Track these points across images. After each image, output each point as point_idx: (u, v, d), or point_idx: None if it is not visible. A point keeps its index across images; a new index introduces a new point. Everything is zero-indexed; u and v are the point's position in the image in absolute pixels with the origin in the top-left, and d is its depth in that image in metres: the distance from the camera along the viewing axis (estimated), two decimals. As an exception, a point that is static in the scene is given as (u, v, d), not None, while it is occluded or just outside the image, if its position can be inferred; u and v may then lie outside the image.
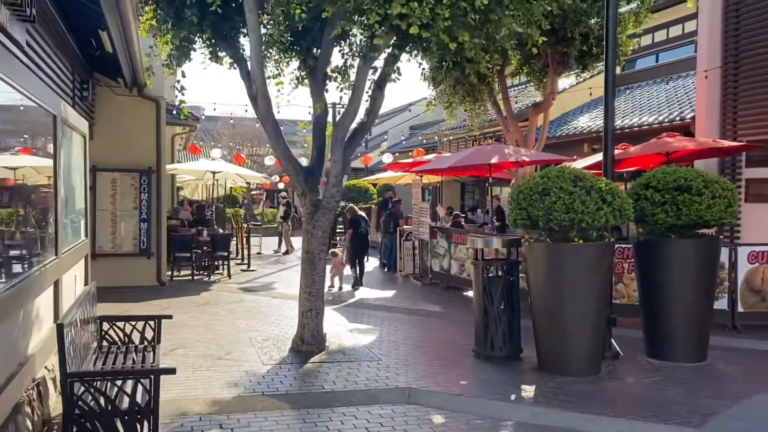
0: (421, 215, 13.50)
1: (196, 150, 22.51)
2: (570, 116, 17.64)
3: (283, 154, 7.65)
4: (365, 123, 7.82)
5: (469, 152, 12.12)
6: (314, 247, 7.61)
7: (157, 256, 12.39)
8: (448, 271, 12.49)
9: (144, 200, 12.23)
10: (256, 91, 7.37)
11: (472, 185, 23.46)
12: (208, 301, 10.96)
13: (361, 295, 11.84)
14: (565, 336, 6.85)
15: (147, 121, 12.36)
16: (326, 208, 7.58)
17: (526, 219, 6.81)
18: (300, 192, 7.77)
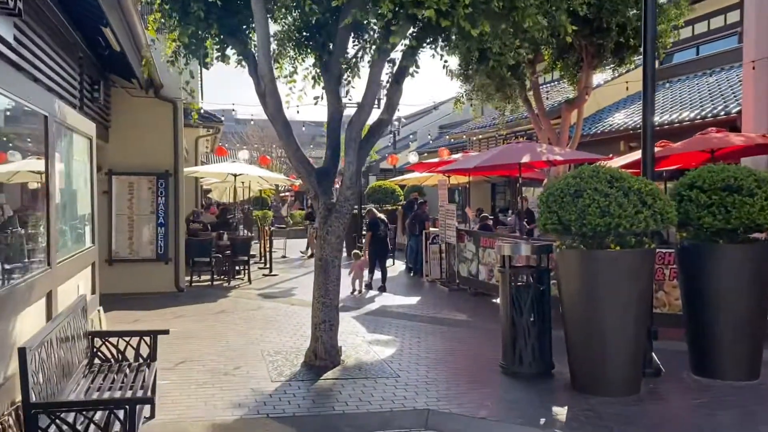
0: (447, 217, 12.92)
1: (223, 152, 22.29)
2: (605, 113, 16.85)
3: (294, 155, 7.16)
4: (382, 121, 7.29)
5: (497, 151, 11.50)
6: (328, 253, 7.11)
7: (175, 261, 12.04)
8: (477, 277, 11.88)
9: (161, 204, 11.90)
10: (264, 88, 6.91)
11: (503, 186, 22.74)
12: (225, 308, 10.55)
13: (384, 302, 11.31)
14: (602, 352, 6.22)
15: (164, 123, 12.03)
16: (340, 212, 7.07)
17: (556, 223, 6.20)
18: (313, 195, 7.28)
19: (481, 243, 11.77)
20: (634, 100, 16.81)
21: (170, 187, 11.98)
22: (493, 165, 11.62)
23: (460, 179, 16.53)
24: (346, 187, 7.07)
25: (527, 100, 14.03)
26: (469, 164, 11.14)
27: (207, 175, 15.51)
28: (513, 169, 12.62)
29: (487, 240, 11.62)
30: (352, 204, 7.14)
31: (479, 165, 10.81)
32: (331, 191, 7.30)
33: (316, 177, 7.22)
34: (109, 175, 11.70)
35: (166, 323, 9.31)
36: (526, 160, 10.36)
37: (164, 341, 8.16)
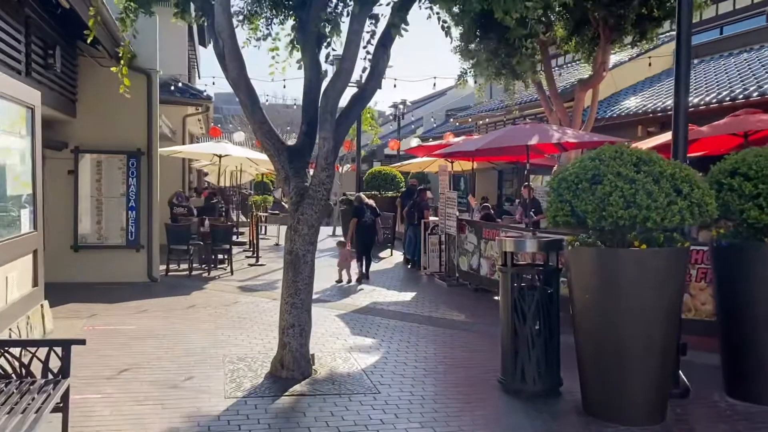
0: (447, 206, 11.82)
1: (217, 133, 21.16)
2: (621, 96, 15.64)
3: (260, 128, 6.08)
4: (365, 90, 6.18)
5: (503, 132, 10.36)
6: (299, 246, 6.05)
7: (148, 248, 11.01)
8: (478, 271, 10.81)
9: (132, 186, 10.85)
10: (223, 47, 5.81)
11: (511, 173, 21.57)
12: (196, 302, 9.52)
13: (375, 298, 10.25)
14: (621, 370, 5.14)
15: (136, 97, 10.87)
16: (314, 198, 6.00)
17: (569, 215, 5.09)
18: (283, 177, 6.19)
19: (483, 234, 10.68)
20: (656, 80, 15.61)
21: (143, 167, 10.92)
22: (499, 148, 10.49)
23: (464, 165, 15.39)
24: (321, 168, 5.99)
25: (535, 81, 12.88)
26: (471, 147, 10.02)
27: (188, 154, 14.42)
28: (521, 155, 11.49)
29: (490, 231, 10.53)
30: (327, 188, 6.06)
31: (482, 147, 9.69)
32: (305, 173, 6.23)
33: (287, 156, 6.14)
34: (76, 153, 10.66)
35: (126, 319, 8.31)
36: (534, 142, 9.23)
37: (114, 342, 7.17)
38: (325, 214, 6.25)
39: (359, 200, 12.56)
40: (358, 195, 13.42)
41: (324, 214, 6.20)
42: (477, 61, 13.15)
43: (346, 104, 6.25)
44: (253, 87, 6.09)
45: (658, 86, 14.83)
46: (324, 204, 6.10)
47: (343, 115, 6.16)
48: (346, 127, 6.21)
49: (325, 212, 6.19)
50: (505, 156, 11.88)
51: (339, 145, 6.13)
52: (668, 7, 10.96)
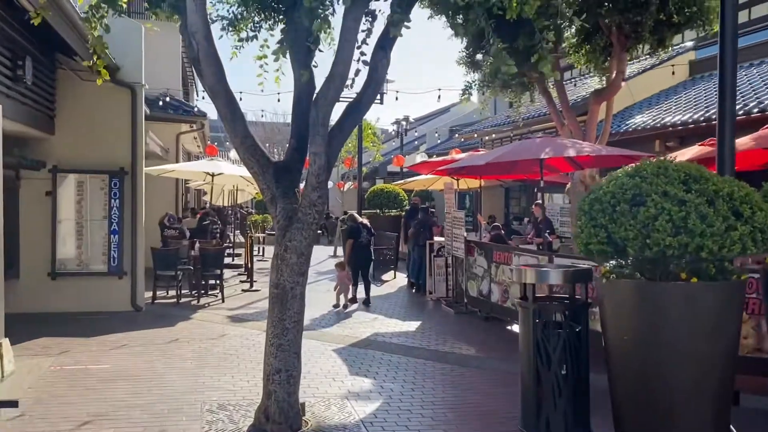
0: (455, 226, 11.01)
1: (213, 151, 20.45)
2: (635, 109, 14.87)
3: (242, 143, 5.30)
4: (362, 98, 5.41)
5: (513, 146, 9.59)
6: (286, 278, 5.24)
7: (132, 275, 10.21)
8: (488, 298, 9.97)
9: (115, 207, 10.08)
10: (197, 49, 5.06)
11: (518, 191, 20.77)
12: (180, 335, 8.69)
13: (377, 328, 9.41)
14: (667, 423, 4.31)
15: (120, 112, 10.23)
16: (303, 222, 5.21)
17: (604, 243, 4.28)
18: (269, 198, 5.41)
19: (494, 258, 9.86)
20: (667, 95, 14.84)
21: (126, 188, 10.16)
22: (509, 164, 9.69)
23: (470, 183, 14.61)
24: (311, 188, 5.20)
25: (546, 91, 12.12)
26: (481, 161, 9.21)
27: (179, 174, 13.66)
28: (531, 171, 10.72)
29: (501, 254, 9.71)
30: (319, 211, 5.26)
31: (492, 161, 8.87)
32: (294, 193, 5.43)
33: (274, 174, 5.36)
34: (54, 173, 9.90)
35: (101, 355, 7.49)
36: (548, 156, 8.42)
37: (82, 386, 6.33)
38: (316, 239, 5.46)
39: (353, 219, 11.91)
40: (350, 214, 12.63)
41: (315, 239, 5.40)
42: (483, 73, 12.46)
43: (341, 115, 5.48)
44: (234, 96, 5.33)
45: (675, 98, 14.07)
46: (315, 229, 5.30)
47: (336, 128, 5.39)
48: (341, 141, 5.43)
49: (316, 238, 5.40)
50: (515, 174, 11.09)
51: (332, 162, 5.34)
52: (688, 13, 10.23)
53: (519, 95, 12.75)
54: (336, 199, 31.10)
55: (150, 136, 11.95)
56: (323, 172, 5.19)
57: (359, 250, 11.46)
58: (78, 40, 8.12)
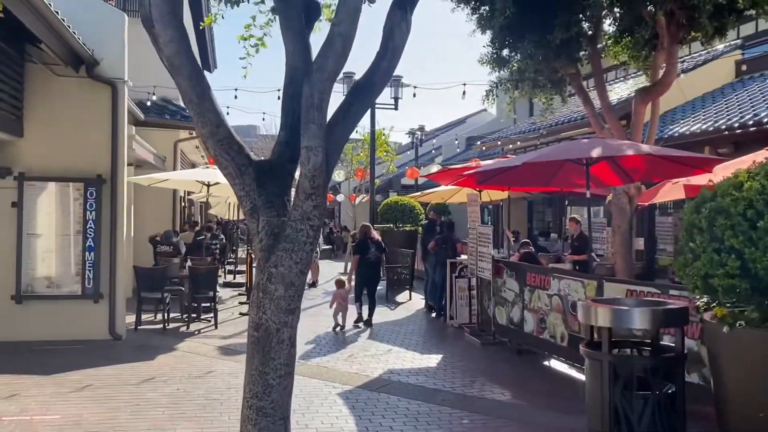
0: (480, 243, 9.60)
1: (217, 162, 19.16)
2: (677, 113, 13.42)
3: (212, 134, 3.97)
4: (372, 76, 4.06)
5: (554, 147, 8.18)
6: (270, 315, 3.88)
7: (110, 298, 8.89)
8: (520, 327, 8.56)
9: (91, 220, 8.79)
10: (150, 6, 3.74)
11: (542, 204, 19.31)
12: (158, 373, 7.33)
13: (391, 363, 8.00)
14: None
15: (99, 112, 8.97)
16: (294, 241, 3.85)
17: (734, 276, 2.89)
18: (249, 208, 4.06)
19: (527, 280, 8.45)
20: (729, 91, 13.35)
21: (104, 198, 8.87)
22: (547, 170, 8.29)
23: (492, 195, 13.20)
24: (304, 195, 3.84)
25: (583, 90, 10.73)
26: (515, 163, 7.73)
27: (172, 183, 12.36)
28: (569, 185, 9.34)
29: (536, 277, 8.31)
30: (315, 226, 3.89)
31: (531, 162, 7.39)
32: (282, 203, 4.09)
33: (255, 176, 4.03)
34: (21, 181, 8.64)
35: (55, 402, 6.15)
36: (598, 155, 6.97)
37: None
38: (310, 264, 4.10)
39: (364, 233, 10.91)
40: (363, 225, 11.45)
41: (309, 264, 4.04)
42: (510, 71, 11.12)
43: (345, 97, 4.14)
44: (201, 72, 4.01)
45: (724, 101, 12.62)
46: (310, 250, 3.94)
47: (340, 113, 4.05)
48: (345, 131, 4.08)
49: (310, 262, 4.05)
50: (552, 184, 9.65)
51: (334, 159, 3.99)
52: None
53: (551, 95, 11.38)
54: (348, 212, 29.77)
55: (137, 141, 10.69)
56: (320, 174, 3.83)
57: (366, 267, 10.61)
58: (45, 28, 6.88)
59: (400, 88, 16.09)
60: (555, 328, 7.92)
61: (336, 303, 10.29)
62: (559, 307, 7.82)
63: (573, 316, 7.55)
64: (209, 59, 26.24)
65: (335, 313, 10.25)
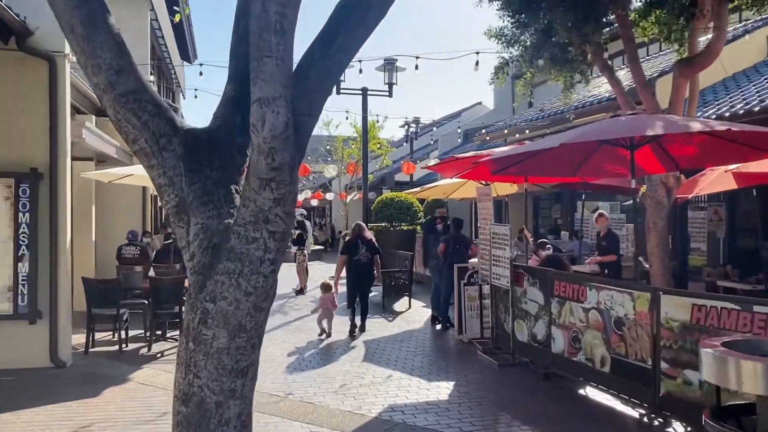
0: (496, 246, 8.11)
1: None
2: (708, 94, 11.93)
3: (110, 83, 2.46)
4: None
5: (596, 126, 6.63)
6: (207, 381, 2.38)
7: (51, 317, 7.35)
8: (546, 346, 7.08)
9: (24, 223, 7.24)
10: None
11: (548, 199, 17.80)
12: (98, 416, 5.78)
13: (392, 395, 6.49)
14: None
15: (33, 93, 7.41)
16: (242, 258, 2.36)
17: None
18: (174, 205, 2.55)
19: (555, 290, 6.97)
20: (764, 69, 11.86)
21: (41, 196, 7.32)
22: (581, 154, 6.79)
23: (498, 189, 11.65)
24: (259, 180, 2.34)
25: (608, 66, 9.28)
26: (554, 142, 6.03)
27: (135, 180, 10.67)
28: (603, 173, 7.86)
29: (567, 285, 6.82)
30: (279, 231, 2.39)
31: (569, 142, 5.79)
32: (230, 196, 2.58)
33: (183, 151, 2.54)
34: (-65, 177, 7.09)
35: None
36: (654, 133, 5.46)
37: None
38: (272, 294, 2.56)
39: (357, 232, 9.93)
40: (356, 224, 10.33)
41: (273, 294, 2.52)
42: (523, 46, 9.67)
43: (325, 23, 2.63)
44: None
45: (764, 79, 11.13)
46: (273, 273, 2.43)
47: (318, 49, 2.54)
48: (326, 80, 2.57)
49: (271, 293, 2.53)
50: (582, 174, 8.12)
51: (309, 124, 2.50)
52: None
53: (569, 75, 9.91)
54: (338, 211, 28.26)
55: (90, 130, 9.09)
56: (284, 145, 2.31)
57: (357, 269, 9.73)
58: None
59: (394, 72, 14.55)
60: (593, 350, 6.44)
61: (321, 308, 9.49)
62: (599, 323, 6.34)
63: (618, 336, 6.08)
64: (189, 51, 24.70)
65: (320, 319, 9.47)
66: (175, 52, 21.99)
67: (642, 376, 5.83)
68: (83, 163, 11.16)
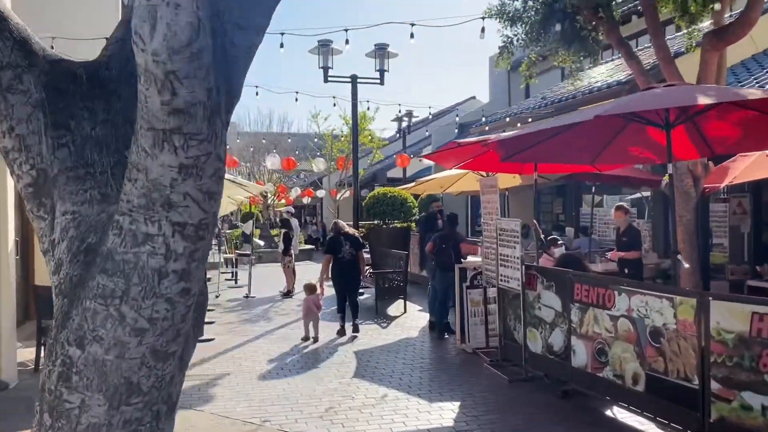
0: (504, 243, 7.14)
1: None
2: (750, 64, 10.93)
3: None
4: None
5: (632, 97, 5.64)
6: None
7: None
8: (565, 358, 6.12)
9: (-44, 224, 6.21)
10: None
11: (550, 192, 16.82)
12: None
13: (386, 421, 5.51)
14: None
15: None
16: (124, 268, 1.33)
17: None
18: (27, 183, 1.54)
19: (576, 294, 6.00)
20: None
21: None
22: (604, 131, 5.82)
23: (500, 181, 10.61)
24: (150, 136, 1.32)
25: (624, 43, 8.33)
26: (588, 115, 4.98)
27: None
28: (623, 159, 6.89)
29: (591, 289, 5.85)
30: (196, 217, 1.39)
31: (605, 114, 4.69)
32: (120, 168, 1.57)
33: (44, 98, 1.50)
34: None
35: None
36: (707, 101, 4.48)
37: None
38: (184, 328, 1.57)
39: (336, 230, 9.46)
40: (335, 222, 9.91)
41: (183, 328, 1.53)
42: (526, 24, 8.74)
43: None
44: None
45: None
46: (184, 291, 1.43)
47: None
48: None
49: (183, 323, 1.54)
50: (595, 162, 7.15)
51: (242, 39, 1.51)
52: None
53: (578, 55, 8.96)
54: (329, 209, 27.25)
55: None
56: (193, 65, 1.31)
57: (342, 268, 9.17)
58: None
59: (386, 59, 13.55)
60: (623, 365, 5.47)
61: (306, 311, 8.88)
62: (630, 334, 5.38)
63: (654, 349, 5.12)
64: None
65: (306, 323, 8.88)
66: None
67: (686, 397, 4.87)
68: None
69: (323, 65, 13.09)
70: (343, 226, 9.61)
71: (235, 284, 15.14)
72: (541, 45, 8.89)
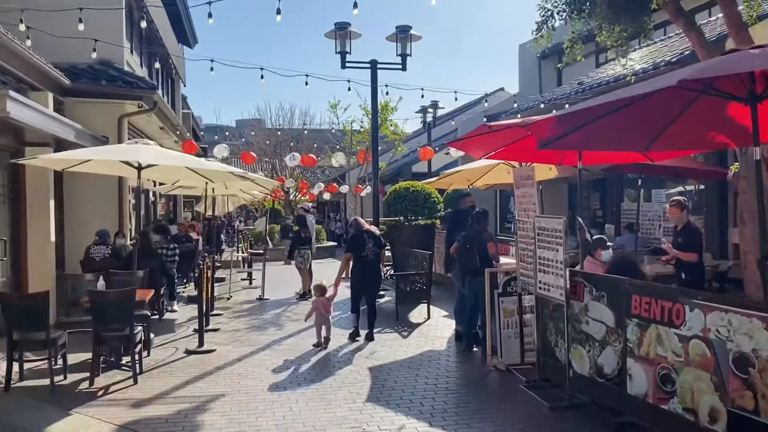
0: (542, 245, 6.10)
1: (193, 148, 15.81)
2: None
3: None
4: None
5: (721, 59, 4.55)
6: None
7: (-52, 347, 5.48)
8: (618, 383, 5.09)
9: None
10: None
11: (586, 188, 15.63)
12: None
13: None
14: None
15: None
16: None
17: None
18: None
19: (633, 308, 4.95)
20: None
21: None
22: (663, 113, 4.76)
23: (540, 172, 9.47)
24: None
25: (682, 12, 7.22)
26: (672, 80, 3.89)
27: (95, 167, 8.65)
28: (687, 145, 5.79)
29: (653, 303, 4.79)
30: None
31: (689, 78, 3.58)
32: None
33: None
34: None
35: None
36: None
37: None
38: None
39: (357, 226, 8.75)
40: (354, 219, 9.19)
41: None
42: None
43: None
44: None
45: None
46: None
47: None
48: None
49: None
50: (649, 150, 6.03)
51: None
52: None
53: (627, 27, 7.87)
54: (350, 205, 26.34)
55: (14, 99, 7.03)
56: None
57: (364, 267, 8.48)
58: None
59: (408, 43, 12.53)
60: (695, 397, 4.42)
61: (315, 314, 8.17)
62: (706, 360, 4.32)
63: (740, 381, 4.06)
64: (187, 34, 22.89)
65: (317, 328, 8.20)
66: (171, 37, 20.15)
67: (784, 444, 3.82)
68: (39, 150, 9.36)
69: (340, 50, 12.15)
70: (364, 223, 8.89)
71: (250, 285, 14.32)
72: (584, 18, 7.81)
